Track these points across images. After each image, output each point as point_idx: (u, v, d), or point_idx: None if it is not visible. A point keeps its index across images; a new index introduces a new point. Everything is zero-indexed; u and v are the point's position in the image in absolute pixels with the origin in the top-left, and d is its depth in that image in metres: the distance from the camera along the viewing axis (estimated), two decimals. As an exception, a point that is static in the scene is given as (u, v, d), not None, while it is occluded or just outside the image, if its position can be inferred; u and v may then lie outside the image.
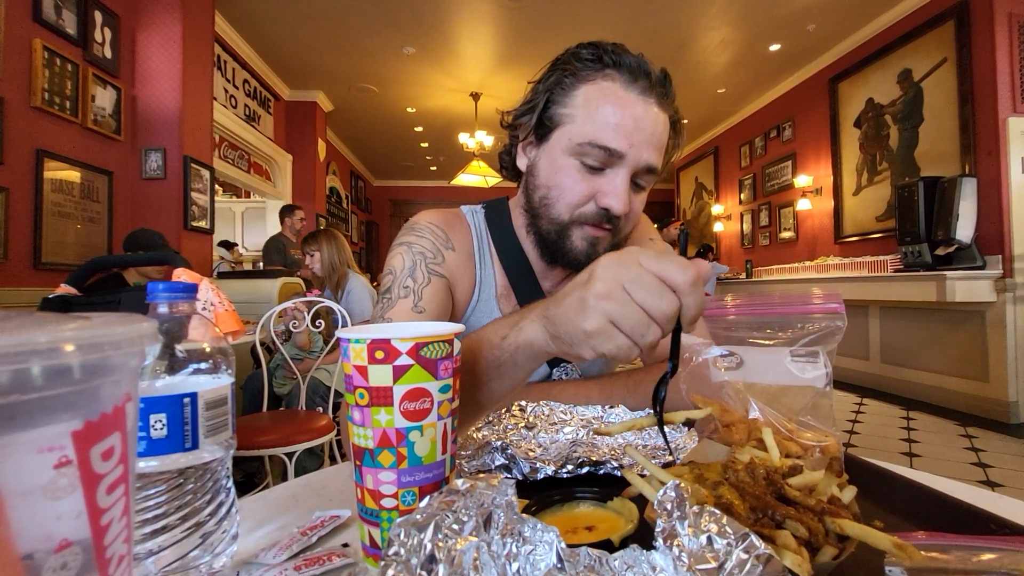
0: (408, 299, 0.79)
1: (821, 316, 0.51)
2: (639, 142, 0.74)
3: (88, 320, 0.20)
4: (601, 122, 0.74)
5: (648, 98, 0.75)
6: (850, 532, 0.35)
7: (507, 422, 0.69)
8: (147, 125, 3.84)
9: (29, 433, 0.17)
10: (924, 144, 4.82)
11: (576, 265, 0.82)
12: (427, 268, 0.82)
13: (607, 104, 0.74)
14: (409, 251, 0.83)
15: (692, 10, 5.09)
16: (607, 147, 0.74)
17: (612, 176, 0.76)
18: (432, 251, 0.84)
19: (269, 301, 3.39)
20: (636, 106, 0.74)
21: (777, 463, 0.44)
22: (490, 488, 0.33)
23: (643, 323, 0.43)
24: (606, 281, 0.44)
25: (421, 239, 0.85)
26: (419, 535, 0.29)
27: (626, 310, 0.43)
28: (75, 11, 3.33)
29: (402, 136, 8.92)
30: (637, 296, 0.43)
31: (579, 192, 0.77)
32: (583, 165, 0.76)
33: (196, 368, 0.40)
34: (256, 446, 2.00)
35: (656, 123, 0.76)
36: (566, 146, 0.77)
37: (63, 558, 0.18)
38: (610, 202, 0.75)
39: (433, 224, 0.88)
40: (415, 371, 0.41)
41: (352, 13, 5.06)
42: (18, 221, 2.97)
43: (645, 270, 0.43)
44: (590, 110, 0.75)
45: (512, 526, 0.30)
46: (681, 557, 0.28)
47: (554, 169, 0.79)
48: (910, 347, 4.70)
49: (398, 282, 0.81)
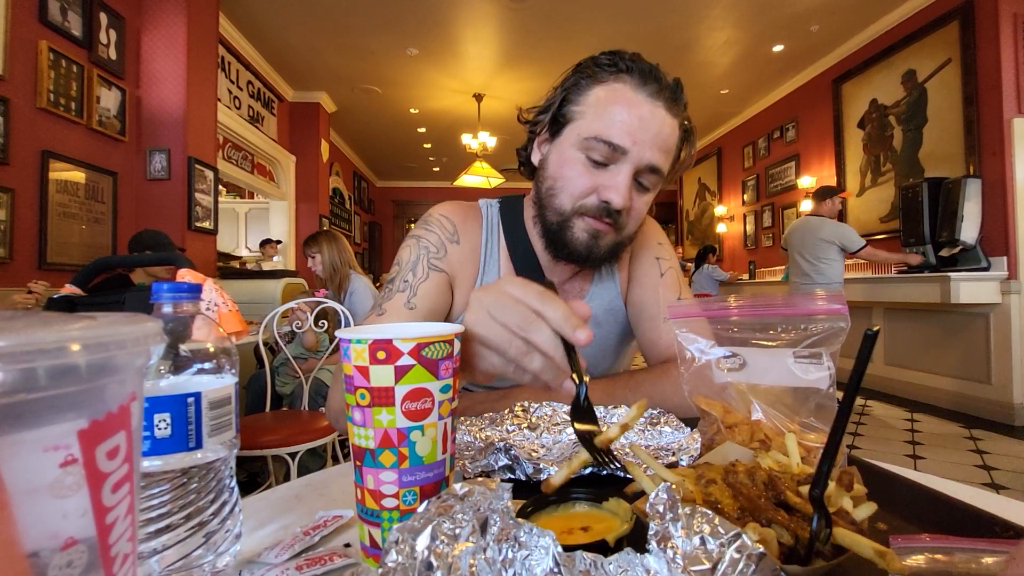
0: (404, 293, 0.84)
1: (824, 317, 0.51)
2: (643, 141, 0.77)
3: (94, 320, 0.20)
4: (608, 119, 0.77)
5: (656, 101, 0.78)
6: (840, 541, 0.35)
7: (510, 423, 0.69)
8: (152, 126, 3.86)
9: (35, 432, 0.17)
10: (928, 145, 4.80)
11: (578, 257, 0.83)
12: (428, 263, 0.87)
13: (616, 103, 0.78)
14: (417, 244, 0.89)
15: (695, 11, 5.09)
16: (610, 142, 0.77)
17: (615, 172, 0.78)
18: (436, 245, 0.89)
19: (272, 301, 3.40)
20: (643, 107, 0.77)
21: (795, 470, 0.44)
22: (487, 492, 0.33)
23: (505, 339, 0.48)
24: (473, 310, 0.50)
25: (429, 232, 0.90)
26: (416, 541, 0.30)
27: (490, 331, 0.49)
28: (80, 13, 3.35)
29: (405, 137, 8.93)
30: (497, 316, 0.49)
31: (582, 184, 0.80)
32: (588, 160, 0.79)
33: (200, 368, 0.40)
34: (259, 446, 2.01)
35: (663, 126, 0.78)
36: (574, 140, 0.80)
37: (69, 556, 0.18)
38: (610, 196, 0.78)
39: (444, 216, 0.93)
40: (416, 371, 0.41)
41: (355, 14, 5.08)
42: (23, 222, 2.99)
43: (504, 293, 0.49)
44: (599, 108, 0.79)
45: (508, 531, 0.30)
46: (675, 559, 0.28)
47: (561, 162, 0.82)
48: (914, 349, 4.68)
49: (400, 275, 0.86)
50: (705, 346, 0.57)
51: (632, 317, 0.97)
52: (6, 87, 2.86)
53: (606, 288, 0.96)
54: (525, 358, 0.49)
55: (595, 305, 0.95)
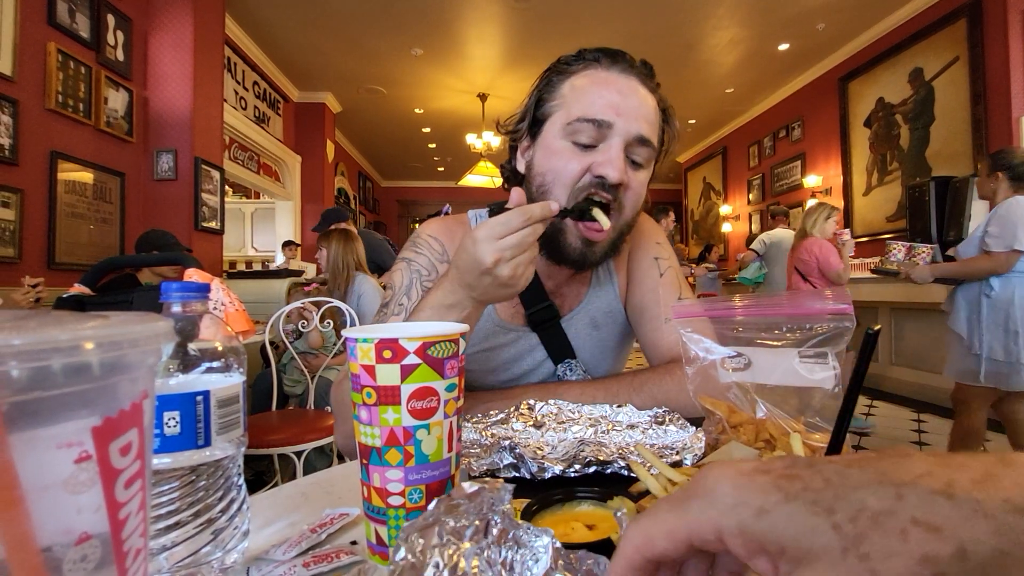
0: (400, 316, 0.84)
1: (830, 317, 0.51)
2: (626, 112, 0.77)
3: (106, 319, 0.20)
4: (588, 100, 0.78)
5: (630, 76, 0.80)
6: None
7: (515, 421, 0.69)
8: (159, 127, 3.89)
9: (50, 429, 0.18)
10: (935, 143, 4.76)
11: (573, 262, 0.82)
12: (421, 286, 0.87)
13: (592, 85, 0.79)
14: (408, 268, 0.89)
15: (700, 9, 5.07)
16: (595, 119, 0.77)
17: (605, 148, 0.77)
18: (427, 267, 0.89)
19: (278, 301, 3.42)
20: (619, 81, 0.79)
21: None
22: (491, 492, 0.34)
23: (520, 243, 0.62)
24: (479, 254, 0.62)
25: (419, 255, 0.90)
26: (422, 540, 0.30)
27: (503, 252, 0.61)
28: (88, 15, 3.37)
29: (410, 137, 8.95)
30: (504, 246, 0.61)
31: (573, 169, 0.78)
32: (575, 145, 0.78)
33: (208, 367, 0.41)
34: (265, 445, 2.02)
35: (642, 99, 0.80)
36: (557, 131, 0.80)
37: (83, 551, 0.19)
38: (605, 170, 0.76)
39: (432, 237, 0.92)
40: (422, 370, 0.41)
41: (360, 15, 5.09)
42: (33, 222, 3.02)
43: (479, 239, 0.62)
44: (577, 94, 0.80)
45: (508, 532, 0.31)
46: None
47: (548, 155, 0.81)
48: (921, 349, 4.65)
49: (395, 299, 0.86)
50: (710, 346, 0.57)
51: (633, 318, 0.97)
52: (15, 89, 2.89)
53: (604, 291, 0.96)
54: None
55: (594, 308, 0.95)
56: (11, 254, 2.88)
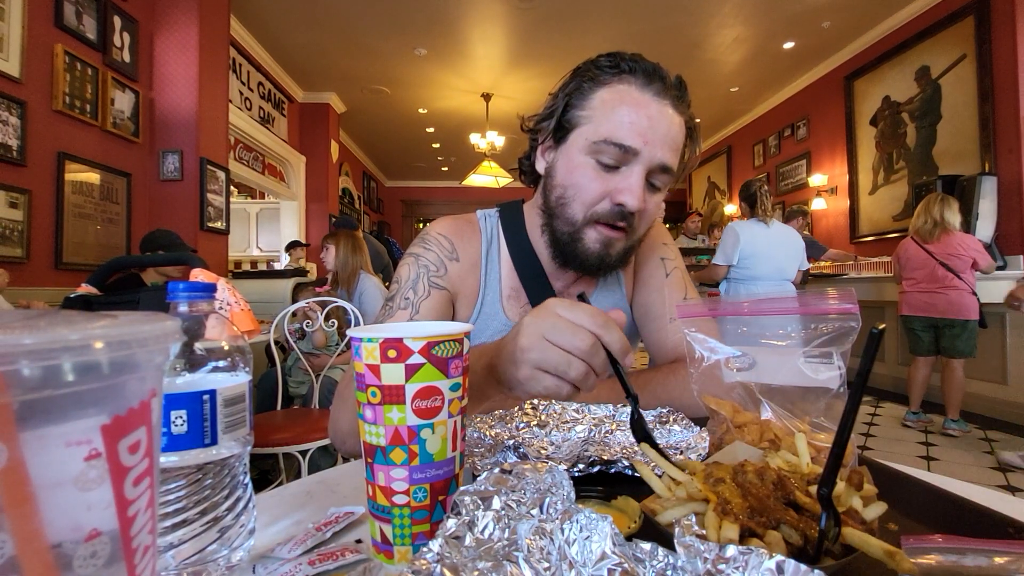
0: (406, 311, 0.84)
1: (835, 317, 0.51)
2: (653, 140, 0.76)
3: (115, 318, 0.20)
4: (616, 121, 0.76)
5: (663, 100, 0.78)
6: (850, 541, 0.35)
7: (519, 420, 0.69)
8: (164, 128, 3.91)
9: (60, 427, 0.18)
10: (942, 142, 4.73)
11: (588, 267, 0.83)
12: (429, 281, 0.87)
13: (623, 105, 0.77)
14: (416, 263, 0.88)
15: (705, 8, 5.05)
16: (622, 144, 0.76)
17: (627, 174, 0.77)
18: (436, 263, 0.89)
19: (283, 301, 3.43)
20: (651, 106, 0.77)
21: (805, 470, 0.44)
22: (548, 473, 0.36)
23: (564, 361, 0.50)
24: (528, 335, 0.52)
25: (428, 251, 0.90)
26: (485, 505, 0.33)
27: (546, 354, 0.51)
28: (95, 16, 3.40)
29: (414, 137, 8.97)
30: (555, 340, 0.50)
31: (594, 190, 0.79)
32: (599, 164, 0.78)
33: (215, 366, 0.41)
34: (270, 444, 2.03)
35: (671, 124, 0.78)
36: (583, 145, 0.79)
37: (93, 547, 0.19)
38: (624, 198, 0.77)
39: (441, 235, 0.92)
40: (427, 369, 0.41)
41: (365, 16, 5.10)
42: (40, 222, 3.04)
43: (560, 317, 0.51)
44: (606, 111, 0.78)
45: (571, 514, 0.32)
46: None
47: (571, 168, 0.81)
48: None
49: (401, 293, 0.86)
50: (714, 345, 0.57)
51: (638, 319, 0.97)
52: (23, 90, 2.91)
53: (611, 292, 0.96)
54: (584, 379, 0.51)
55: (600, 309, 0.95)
56: (19, 254, 2.90)
